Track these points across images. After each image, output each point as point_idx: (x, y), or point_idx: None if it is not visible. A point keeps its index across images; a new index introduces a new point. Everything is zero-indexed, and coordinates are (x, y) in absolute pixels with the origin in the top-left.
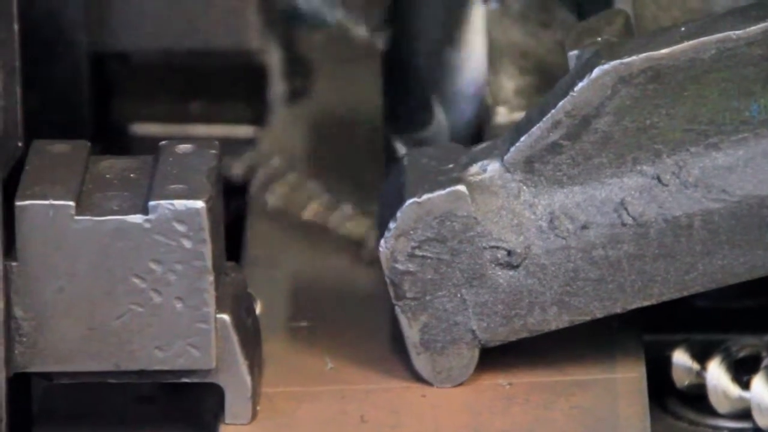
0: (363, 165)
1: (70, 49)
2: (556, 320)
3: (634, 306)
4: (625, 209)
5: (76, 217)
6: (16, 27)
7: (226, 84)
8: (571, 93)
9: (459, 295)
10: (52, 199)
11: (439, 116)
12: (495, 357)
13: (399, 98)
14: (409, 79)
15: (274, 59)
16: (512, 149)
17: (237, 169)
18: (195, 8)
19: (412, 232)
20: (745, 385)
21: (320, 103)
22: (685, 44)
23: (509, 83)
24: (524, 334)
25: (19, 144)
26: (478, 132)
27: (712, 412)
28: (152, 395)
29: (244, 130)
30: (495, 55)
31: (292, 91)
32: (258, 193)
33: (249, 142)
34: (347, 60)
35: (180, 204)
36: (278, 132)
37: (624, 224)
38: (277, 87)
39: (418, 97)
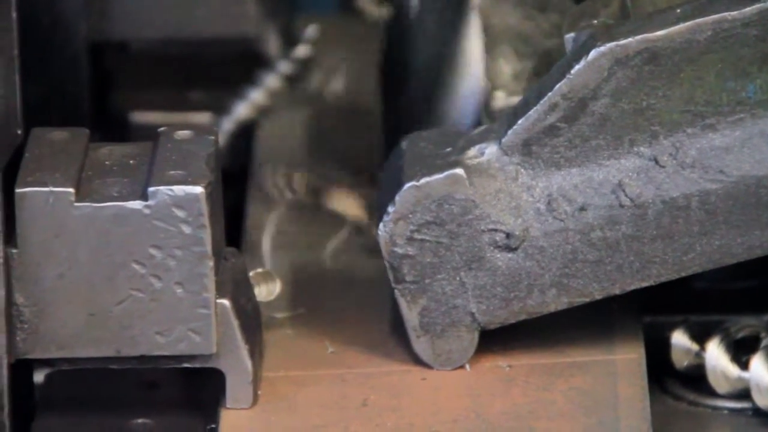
0: (361, 152)
1: (70, 37)
2: (554, 302)
3: (632, 287)
4: (623, 191)
5: (76, 204)
6: (14, 15)
7: (225, 72)
8: (567, 75)
9: (458, 278)
10: (52, 186)
11: (440, 104)
12: (494, 339)
13: (398, 87)
14: (408, 69)
15: (272, 47)
16: (509, 132)
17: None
18: None
19: (410, 215)
20: (744, 366)
21: (319, 90)
22: (681, 26)
23: (507, 67)
24: (523, 316)
25: (19, 132)
26: (477, 119)
27: (712, 393)
28: (154, 381)
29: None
30: (492, 39)
31: (291, 79)
32: (258, 179)
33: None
34: (346, 48)
35: (179, 190)
36: (277, 120)
37: (622, 206)
38: (276, 75)
39: (417, 85)
